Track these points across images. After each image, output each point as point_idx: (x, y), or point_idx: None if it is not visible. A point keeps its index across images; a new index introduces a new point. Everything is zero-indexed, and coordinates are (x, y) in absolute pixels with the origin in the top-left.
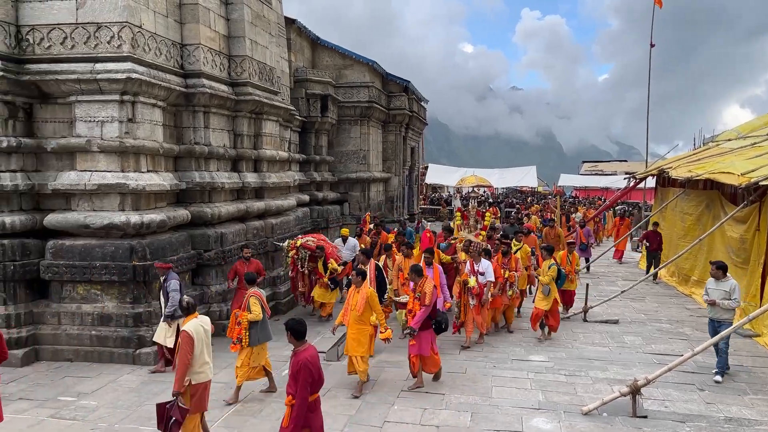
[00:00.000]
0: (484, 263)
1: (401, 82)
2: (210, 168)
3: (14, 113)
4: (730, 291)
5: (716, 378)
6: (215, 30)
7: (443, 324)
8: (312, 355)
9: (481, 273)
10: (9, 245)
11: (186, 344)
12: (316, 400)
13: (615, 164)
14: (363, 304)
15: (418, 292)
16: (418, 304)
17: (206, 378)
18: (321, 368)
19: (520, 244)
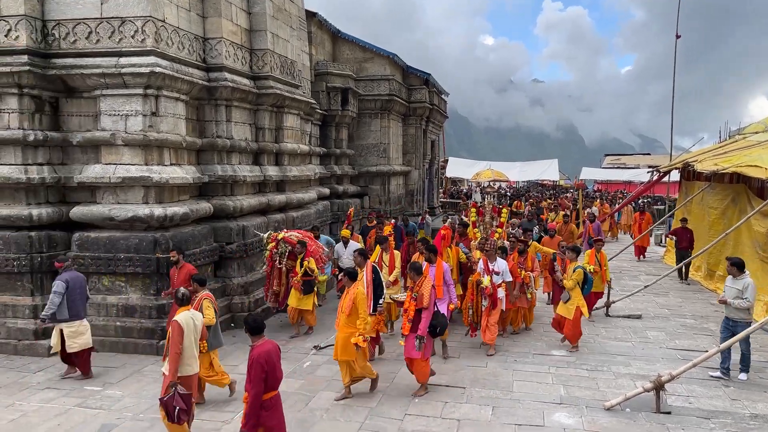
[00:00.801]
0: (500, 262)
1: (422, 74)
2: (232, 161)
3: (41, 107)
4: (743, 289)
5: (741, 377)
6: (237, 24)
7: (438, 328)
8: (266, 351)
9: (496, 272)
10: (36, 237)
11: (176, 334)
12: (272, 399)
13: (638, 157)
14: (350, 305)
15: (415, 291)
16: (414, 304)
17: (193, 371)
18: (278, 364)
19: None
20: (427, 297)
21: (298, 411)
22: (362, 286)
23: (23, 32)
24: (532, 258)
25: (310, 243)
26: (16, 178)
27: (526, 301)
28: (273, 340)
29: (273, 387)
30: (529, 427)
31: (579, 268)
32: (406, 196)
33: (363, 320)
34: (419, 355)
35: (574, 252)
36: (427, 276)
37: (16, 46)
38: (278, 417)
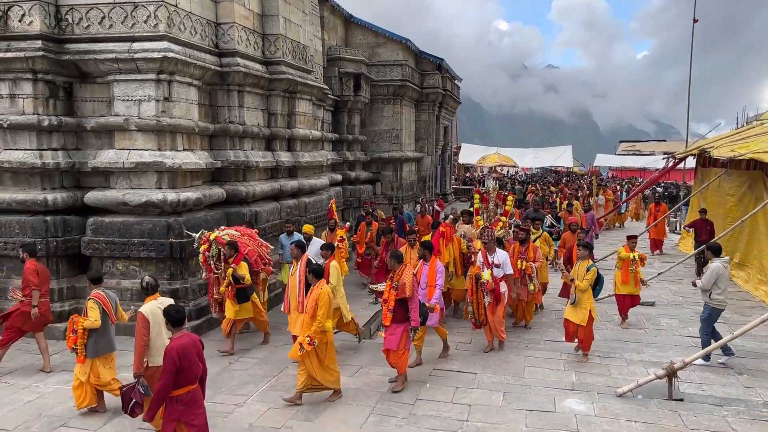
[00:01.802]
0: (500, 254)
1: (435, 60)
2: (244, 147)
3: (55, 92)
4: (704, 271)
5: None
6: (249, 8)
7: (422, 317)
8: (182, 345)
9: (496, 265)
10: (51, 222)
11: (141, 326)
12: (189, 393)
13: (653, 144)
14: (313, 306)
15: (395, 281)
16: (395, 294)
17: (159, 363)
18: (194, 359)
19: (539, 232)
20: (409, 286)
21: (310, 395)
22: (326, 286)
23: (37, 17)
24: (533, 248)
25: (245, 243)
26: (31, 163)
27: (527, 294)
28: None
29: (190, 381)
30: (540, 413)
31: (593, 266)
32: (419, 183)
33: (319, 323)
34: (397, 346)
35: (587, 249)
36: (408, 264)
37: (30, 32)
38: (196, 411)
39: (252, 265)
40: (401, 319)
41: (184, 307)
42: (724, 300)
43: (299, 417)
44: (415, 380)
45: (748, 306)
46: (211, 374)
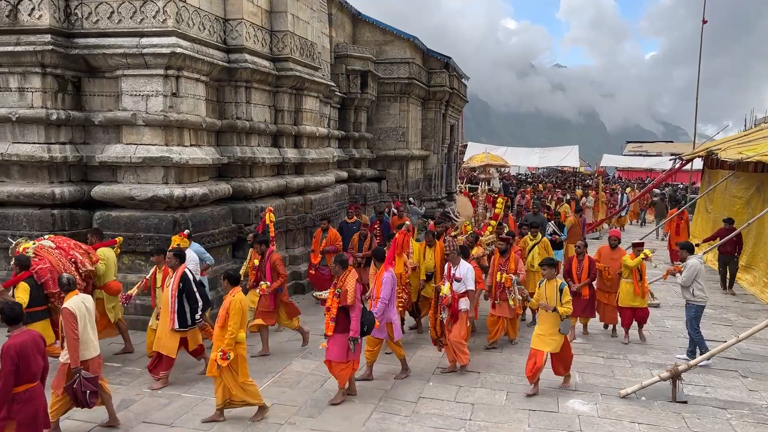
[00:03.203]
0: (463, 267)
1: (442, 58)
2: (251, 143)
3: (63, 86)
4: (684, 268)
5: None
6: (258, 5)
7: (365, 326)
8: (20, 343)
9: (457, 279)
10: (59, 215)
11: (69, 321)
12: (28, 391)
13: (660, 145)
14: (224, 315)
15: (338, 288)
16: (337, 302)
17: (90, 355)
18: (34, 356)
19: (537, 239)
20: (351, 294)
21: (313, 392)
22: (241, 293)
23: (46, 11)
24: (515, 259)
25: (47, 257)
26: (39, 156)
27: (508, 310)
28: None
29: (29, 380)
30: (543, 413)
31: (565, 285)
32: (424, 181)
33: (231, 334)
34: (343, 357)
35: (552, 267)
36: (352, 271)
37: (39, 26)
38: (32, 410)
39: (45, 286)
40: (345, 328)
41: None
42: (706, 296)
43: (303, 413)
44: (418, 378)
45: (753, 309)
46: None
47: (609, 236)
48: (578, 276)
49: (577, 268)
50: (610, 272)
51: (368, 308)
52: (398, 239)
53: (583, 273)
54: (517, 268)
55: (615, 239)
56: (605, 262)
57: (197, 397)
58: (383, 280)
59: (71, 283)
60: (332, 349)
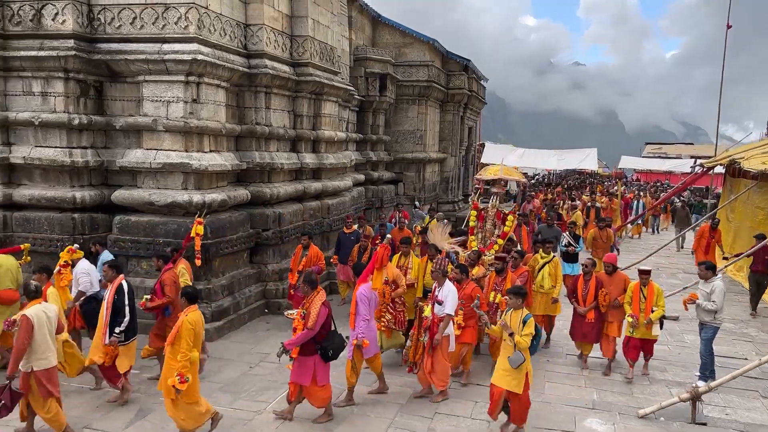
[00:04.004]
0: (446, 288)
1: (461, 60)
2: (270, 148)
3: (86, 91)
4: (710, 292)
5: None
6: (278, 10)
7: (330, 351)
8: None
9: (438, 301)
10: (79, 219)
11: (24, 329)
12: None
13: (680, 147)
14: (174, 333)
15: (304, 308)
16: (303, 323)
17: (50, 364)
18: None
19: (549, 257)
20: (313, 317)
21: None
22: (195, 312)
23: (70, 16)
24: (512, 279)
25: None
26: (61, 160)
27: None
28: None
29: None
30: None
31: (530, 316)
32: (441, 183)
33: (184, 356)
34: (309, 382)
35: (519, 296)
36: (320, 292)
37: (62, 31)
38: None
39: None
40: (308, 351)
41: (207, 307)
42: (724, 317)
43: (318, 427)
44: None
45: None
46: (231, 378)
47: (604, 262)
48: (584, 297)
49: (582, 288)
50: (608, 299)
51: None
52: (378, 253)
53: (589, 294)
54: None
55: (610, 266)
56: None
57: None
58: (356, 296)
59: (37, 291)
60: (297, 371)
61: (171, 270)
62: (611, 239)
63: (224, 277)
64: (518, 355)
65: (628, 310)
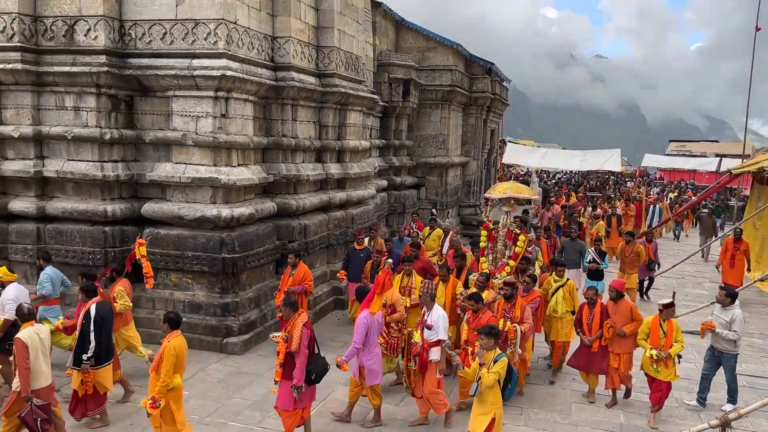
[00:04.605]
0: (435, 312)
1: (485, 64)
2: (296, 160)
3: (117, 106)
4: (731, 321)
5: (726, 407)
6: (305, 21)
7: (313, 374)
8: None
9: (428, 326)
10: (110, 232)
11: (21, 351)
12: None
13: (704, 144)
14: (158, 359)
15: (286, 331)
16: (285, 347)
17: (42, 384)
18: None
19: (563, 280)
20: (296, 339)
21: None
22: (178, 338)
23: (102, 32)
24: (522, 306)
25: None
26: (93, 175)
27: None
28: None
29: None
30: None
31: (503, 356)
32: (463, 187)
33: (162, 381)
34: (287, 405)
35: (491, 336)
36: (302, 314)
37: (95, 46)
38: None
39: None
40: (289, 375)
41: (234, 320)
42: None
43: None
44: (461, 412)
45: None
46: (259, 394)
47: (609, 287)
48: (588, 326)
49: (587, 316)
50: (611, 332)
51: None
52: (380, 278)
53: (594, 323)
54: (523, 317)
55: (614, 291)
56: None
57: None
58: (356, 322)
59: (30, 314)
60: (279, 395)
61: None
62: (642, 255)
63: (251, 290)
64: (475, 387)
65: (646, 346)
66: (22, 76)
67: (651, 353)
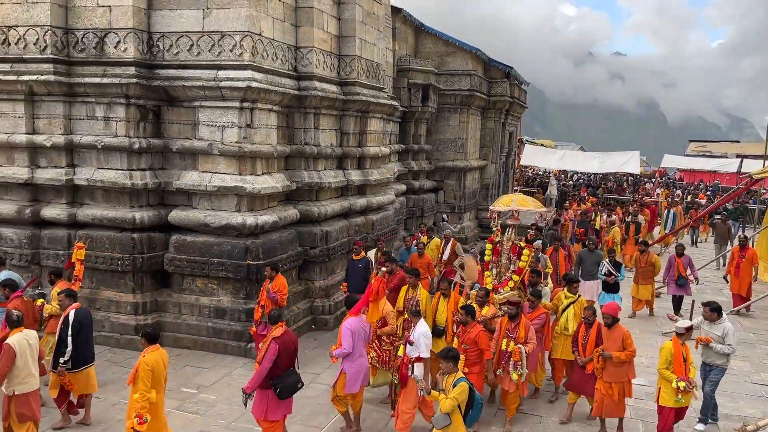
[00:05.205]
0: (418, 328)
1: (503, 68)
2: (318, 167)
3: (145, 116)
4: (723, 335)
5: (697, 427)
6: (327, 31)
7: (278, 388)
8: None
9: (410, 342)
10: (138, 239)
11: (7, 356)
12: None
13: (725, 145)
14: (132, 374)
15: (263, 342)
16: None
17: (31, 388)
18: None
19: (574, 297)
20: (262, 351)
21: None
22: (154, 353)
23: (131, 44)
24: (526, 326)
25: None
26: (122, 183)
27: (509, 382)
28: None
29: None
30: None
31: (462, 381)
32: (481, 190)
33: (141, 396)
34: (261, 415)
35: (451, 361)
36: (277, 328)
37: (124, 58)
38: None
39: None
40: (266, 385)
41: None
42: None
43: None
44: (481, 421)
45: None
46: None
47: (603, 312)
48: (583, 347)
49: (583, 337)
50: (601, 361)
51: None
52: (374, 286)
53: (589, 344)
54: (527, 338)
55: (609, 317)
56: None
57: None
58: (341, 328)
59: (19, 320)
60: (254, 404)
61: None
62: (657, 266)
63: None
64: (442, 417)
65: (671, 376)
66: (54, 87)
67: (678, 385)
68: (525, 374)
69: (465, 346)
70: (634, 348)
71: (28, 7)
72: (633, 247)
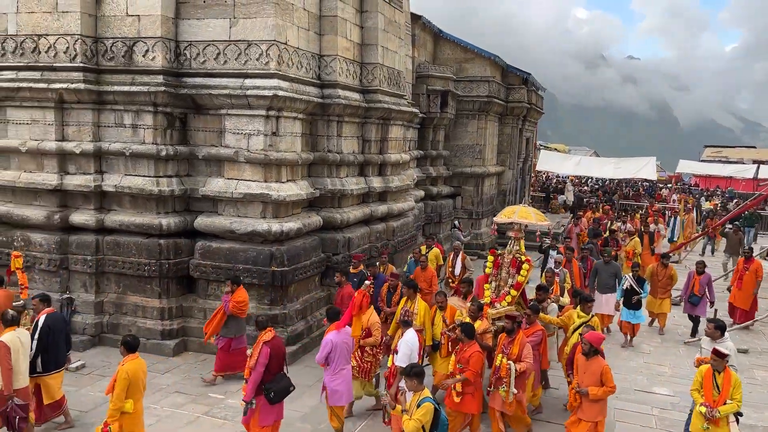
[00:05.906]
0: (406, 338)
1: (521, 74)
2: (340, 174)
3: (172, 123)
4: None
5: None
6: (350, 39)
7: (271, 392)
8: None
9: (395, 351)
10: (165, 245)
11: (5, 353)
12: None
13: (741, 150)
14: (111, 383)
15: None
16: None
17: (22, 384)
18: None
19: (587, 317)
20: (254, 357)
21: None
22: (134, 362)
23: (159, 53)
24: (521, 342)
25: None
26: (149, 189)
27: (500, 401)
28: None
29: None
30: None
31: (427, 401)
32: (498, 196)
33: (114, 405)
34: (245, 421)
35: (416, 378)
36: (266, 332)
37: (152, 67)
38: None
39: None
40: (258, 390)
41: (282, 332)
42: None
43: None
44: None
45: None
46: (310, 406)
47: (583, 340)
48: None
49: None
50: (578, 398)
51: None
52: (356, 300)
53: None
54: (521, 355)
55: (588, 344)
56: (577, 375)
57: None
58: (323, 341)
59: (14, 319)
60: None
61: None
62: (675, 278)
63: (298, 302)
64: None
65: (699, 399)
66: (83, 95)
67: (700, 410)
68: (513, 393)
69: (460, 365)
70: (614, 385)
71: (58, 16)
72: (649, 258)
